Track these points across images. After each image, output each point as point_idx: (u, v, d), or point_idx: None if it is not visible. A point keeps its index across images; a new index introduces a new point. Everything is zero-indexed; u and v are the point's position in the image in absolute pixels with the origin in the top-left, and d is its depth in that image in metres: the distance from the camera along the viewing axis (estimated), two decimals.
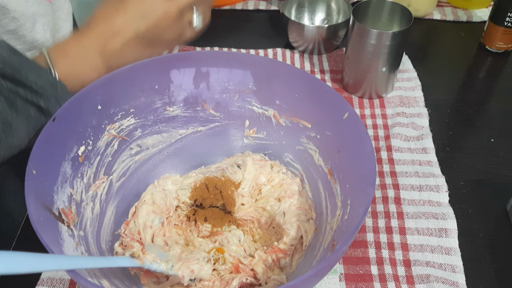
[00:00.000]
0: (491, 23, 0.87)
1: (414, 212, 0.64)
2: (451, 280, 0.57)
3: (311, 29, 0.85)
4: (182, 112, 0.65)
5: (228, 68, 0.63)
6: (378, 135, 0.76)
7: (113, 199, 0.62)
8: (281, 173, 0.64)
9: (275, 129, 0.66)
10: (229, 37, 0.95)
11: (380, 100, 0.81)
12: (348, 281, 0.58)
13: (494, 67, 0.89)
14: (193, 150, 0.68)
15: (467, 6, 1.01)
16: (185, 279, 0.52)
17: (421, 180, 0.68)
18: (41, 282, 0.58)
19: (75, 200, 0.55)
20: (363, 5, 0.78)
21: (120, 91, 0.60)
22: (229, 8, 1.02)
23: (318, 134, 0.61)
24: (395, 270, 0.59)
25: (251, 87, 0.64)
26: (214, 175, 0.63)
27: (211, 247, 0.58)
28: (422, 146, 0.73)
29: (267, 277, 0.54)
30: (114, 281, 0.51)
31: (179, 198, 0.62)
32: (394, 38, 0.73)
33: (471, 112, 0.80)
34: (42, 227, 0.45)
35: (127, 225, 0.60)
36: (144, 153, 0.65)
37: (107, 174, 0.61)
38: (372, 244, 0.61)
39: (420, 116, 0.77)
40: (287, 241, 0.57)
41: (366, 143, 0.51)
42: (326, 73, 0.87)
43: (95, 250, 0.55)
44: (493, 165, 0.71)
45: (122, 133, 0.62)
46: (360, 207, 0.47)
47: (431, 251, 0.60)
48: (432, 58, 0.91)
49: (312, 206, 0.61)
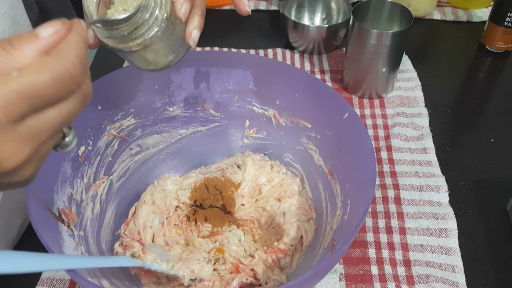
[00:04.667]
0: (491, 23, 0.87)
1: (414, 212, 0.64)
2: (451, 280, 0.57)
3: (311, 29, 0.85)
4: (182, 112, 0.65)
5: (228, 68, 0.63)
6: (378, 135, 0.76)
7: (113, 199, 0.62)
8: (281, 173, 0.64)
9: (275, 129, 0.66)
10: (229, 37, 0.95)
11: (380, 100, 0.81)
12: (348, 281, 0.58)
13: (494, 67, 0.89)
14: (193, 150, 0.68)
15: (467, 6, 1.01)
16: (186, 279, 0.52)
17: (421, 180, 0.68)
18: (41, 282, 0.58)
19: (75, 200, 0.55)
20: (363, 5, 0.78)
21: (120, 91, 0.60)
22: (229, 8, 1.02)
23: (318, 134, 0.61)
24: (395, 270, 0.59)
25: (251, 87, 0.64)
26: (214, 175, 0.63)
27: (211, 247, 0.58)
28: (422, 146, 0.73)
29: (267, 277, 0.54)
30: (114, 281, 0.51)
31: (179, 199, 0.62)
32: (394, 38, 0.73)
33: (471, 112, 0.80)
34: (42, 227, 0.45)
35: (127, 225, 0.60)
36: (144, 153, 0.65)
37: (107, 174, 0.61)
38: (372, 244, 0.61)
39: (420, 116, 0.77)
40: (287, 241, 0.57)
41: (366, 143, 0.51)
42: (326, 73, 0.87)
43: (95, 250, 0.55)
44: (493, 165, 0.71)
45: (122, 133, 0.62)
46: (360, 207, 0.47)
47: (431, 251, 0.60)
48: (432, 58, 0.91)
49: (312, 206, 0.61)
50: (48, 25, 0.33)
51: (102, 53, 0.91)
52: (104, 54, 0.91)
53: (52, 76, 0.31)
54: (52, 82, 0.31)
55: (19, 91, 0.30)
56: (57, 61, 0.31)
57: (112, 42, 0.44)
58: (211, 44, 0.92)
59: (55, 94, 0.31)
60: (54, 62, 0.31)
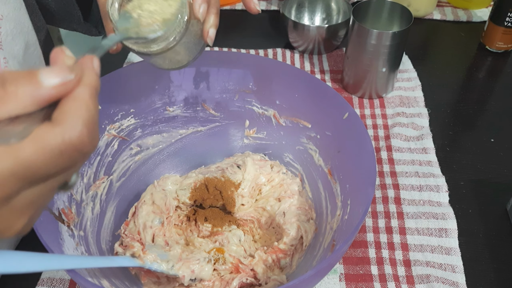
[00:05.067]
0: (491, 23, 0.87)
1: (414, 212, 0.64)
2: (451, 280, 0.57)
3: (311, 29, 0.85)
4: (182, 112, 0.65)
5: (228, 68, 0.63)
6: (378, 135, 0.76)
7: (113, 199, 0.62)
8: (281, 173, 0.64)
9: (275, 129, 0.66)
10: (229, 37, 0.95)
11: (380, 100, 0.81)
12: (348, 281, 0.58)
13: (494, 67, 0.89)
14: (193, 150, 0.68)
15: (467, 6, 1.01)
16: (186, 279, 0.52)
17: (421, 180, 0.68)
18: (41, 282, 0.58)
19: (75, 200, 0.55)
20: (363, 5, 0.78)
21: (120, 91, 0.60)
22: (229, 8, 1.02)
23: (318, 134, 0.61)
24: (395, 270, 0.59)
25: (251, 87, 0.64)
26: (214, 175, 0.63)
27: (211, 247, 0.58)
28: (422, 146, 0.73)
29: (267, 277, 0.54)
30: (114, 281, 0.51)
31: (179, 199, 0.62)
32: (394, 38, 0.73)
33: (471, 112, 0.80)
34: (42, 227, 0.45)
35: (127, 225, 0.60)
36: (144, 153, 0.65)
37: (107, 174, 0.61)
38: (372, 244, 0.61)
39: (420, 116, 0.77)
40: (287, 241, 0.57)
41: (366, 143, 0.51)
42: (326, 73, 0.87)
43: (95, 250, 0.55)
44: (493, 165, 0.71)
45: (122, 133, 0.62)
46: (360, 207, 0.47)
47: (431, 251, 0.60)
48: (432, 58, 0.91)
49: (312, 206, 0.61)
50: (55, 73, 0.27)
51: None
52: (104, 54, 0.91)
53: (53, 155, 0.26)
54: (53, 160, 0.27)
55: (13, 172, 0.26)
56: (61, 134, 0.26)
57: (138, 47, 0.45)
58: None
59: (56, 170, 0.28)
60: (57, 137, 0.26)
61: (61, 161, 0.27)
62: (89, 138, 0.27)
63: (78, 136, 0.27)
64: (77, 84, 0.28)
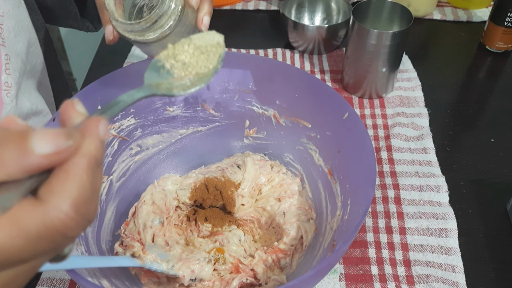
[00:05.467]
0: (491, 23, 0.87)
1: (414, 212, 0.64)
2: (451, 280, 0.57)
3: (311, 29, 0.85)
4: (182, 112, 0.65)
5: (228, 68, 0.63)
6: (378, 135, 0.76)
7: (113, 199, 0.62)
8: (281, 173, 0.64)
9: (275, 129, 0.66)
10: (229, 37, 0.95)
11: (380, 100, 0.81)
12: (348, 281, 0.58)
13: (494, 67, 0.89)
14: (193, 150, 0.68)
15: (467, 6, 1.01)
16: (186, 279, 0.52)
17: (421, 180, 0.68)
18: (41, 282, 0.58)
19: None
20: (363, 5, 0.78)
21: (120, 91, 0.60)
22: (229, 8, 1.02)
23: (318, 134, 0.61)
24: (395, 270, 0.59)
25: (251, 87, 0.64)
26: (214, 175, 0.63)
27: (211, 247, 0.58)
28: (422, 146, 0.73)
29: (267, 277, 0.54)
30: (114, 281, 0.51)
31: (179, 199, 0.62)
32: (394, 38, 0.73)
33: (471, 112, 0.80)
34: None
35: (127, 225, 0.60)
36: (144, 153, 0.65)
37: (107, 174, 0.61)
38: (372, 244, 0.61)
39: (420, 116, 0.77)
40: (287, 241, 0.57)
41: (366, 143, 0.51)
42: (326, 73, 0.87)
43: (95, 250, 0.55)
44: (493, 165, 0.71)
45: (122, 133, 0.62)
46: (360, 207, 0.47)
47: (431, 251, 0.60)
48: (432, 58, 0.91)
49: (312, 206, 0.61)
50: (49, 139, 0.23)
51: (102, 53, 0.91)
52: (104, 54, 0.91)
53: (30, 239, 0.23)
54: (29, 245, 0.23)
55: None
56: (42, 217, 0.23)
57: (134, 35, 0.47)
58: None
59: (34, 254, 0.24)
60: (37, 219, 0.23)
61: (40, 245, 0.24)
62: (76, 220, 0.24)
63: (61, 219, 0.23)
64: (74, 153, 0.24)
